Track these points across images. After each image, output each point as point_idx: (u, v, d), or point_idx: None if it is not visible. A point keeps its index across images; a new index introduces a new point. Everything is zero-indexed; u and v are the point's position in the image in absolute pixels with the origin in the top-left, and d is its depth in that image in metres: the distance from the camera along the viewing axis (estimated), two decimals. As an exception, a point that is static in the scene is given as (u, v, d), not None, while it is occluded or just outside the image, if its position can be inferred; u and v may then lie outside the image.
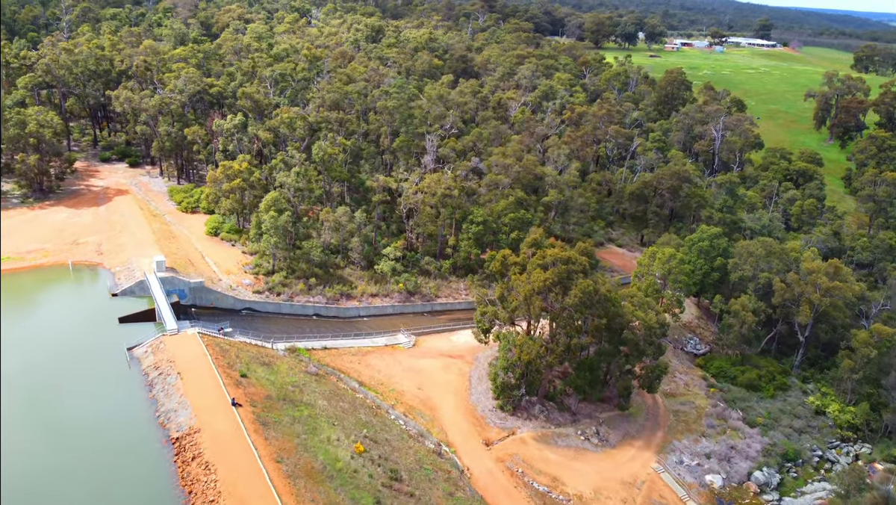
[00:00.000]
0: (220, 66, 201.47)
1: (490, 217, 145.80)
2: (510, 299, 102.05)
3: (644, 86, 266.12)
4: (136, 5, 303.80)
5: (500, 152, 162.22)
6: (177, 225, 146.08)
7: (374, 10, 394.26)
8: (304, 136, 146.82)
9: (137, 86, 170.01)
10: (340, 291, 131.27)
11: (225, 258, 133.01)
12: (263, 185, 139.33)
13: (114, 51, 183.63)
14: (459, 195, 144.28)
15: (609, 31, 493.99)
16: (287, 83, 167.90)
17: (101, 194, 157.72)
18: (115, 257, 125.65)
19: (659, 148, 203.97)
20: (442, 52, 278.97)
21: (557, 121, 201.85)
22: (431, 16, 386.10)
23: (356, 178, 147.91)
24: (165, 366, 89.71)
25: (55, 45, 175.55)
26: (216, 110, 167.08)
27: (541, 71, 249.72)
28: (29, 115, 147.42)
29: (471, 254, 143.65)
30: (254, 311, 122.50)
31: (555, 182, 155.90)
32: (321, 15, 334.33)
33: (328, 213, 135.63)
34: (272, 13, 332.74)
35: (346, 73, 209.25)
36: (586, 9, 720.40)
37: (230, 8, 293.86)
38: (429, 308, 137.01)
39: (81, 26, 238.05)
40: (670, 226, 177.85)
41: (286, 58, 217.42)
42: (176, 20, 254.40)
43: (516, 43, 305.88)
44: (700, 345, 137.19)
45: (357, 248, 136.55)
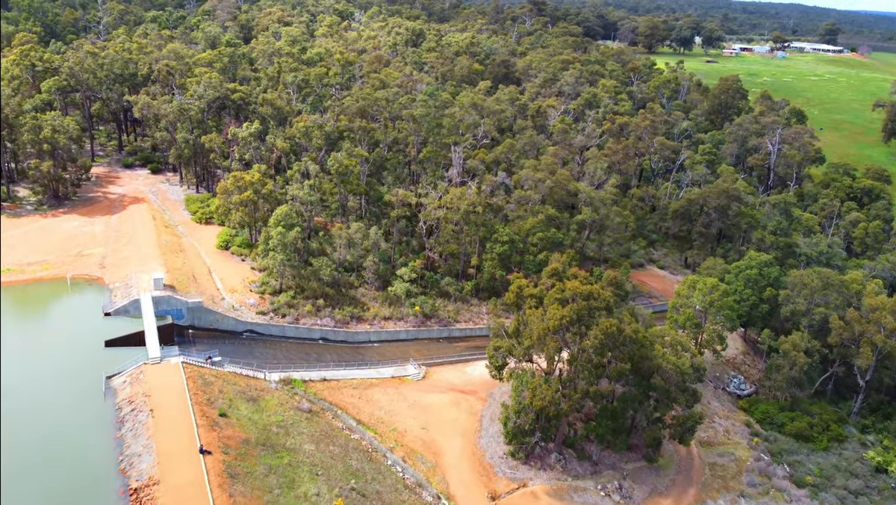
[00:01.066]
0: (251, 70, 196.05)
1: (517, 236, 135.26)
2: (525, 334, 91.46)
3: (696, 94, 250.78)
4: (180, 7, 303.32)
5: (532, 165, 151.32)
6: (188, 236, 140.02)
7: (420, 13, 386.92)
8: (321, 145, 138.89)
9: (159, 91, 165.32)
10: (351, 314, 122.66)
11: (232, 274, 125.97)
12: (276, 197, 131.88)
13: (141, 54, 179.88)
14: (484, 212, 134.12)
15: (664, 36, 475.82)
16: (311, 89, 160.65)
17: (117, 202, 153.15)
18: (116, 272, 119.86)
19: (709, 161, 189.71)
20: (483, 57, 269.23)
21: (598, 131, 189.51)
22: (476, 19, 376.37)
23: (375, 191, 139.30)
24: (140, 400, 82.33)
25: (80, 49, 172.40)
26: (232, 117, 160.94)
27: (585, 77, 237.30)
28: (45, 121, 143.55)
29: (495, 275, 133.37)
30: (255, 333, 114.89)
31: (589, 199, 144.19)
32: (364, 18, 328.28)
33: (341, 229, 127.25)
34: (315, 16, 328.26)
35: (380, 79, 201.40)
36: (642, 12, 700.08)
37: (270, 11, 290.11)
38: (446, 334, 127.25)
39: (119, 28, 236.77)
40: (717, 247, 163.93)
41: (319, 62, 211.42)
42: (213, 23, 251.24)
43: (562, 48, 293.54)
44: (744, 385, 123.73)
45: (371, 267, 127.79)
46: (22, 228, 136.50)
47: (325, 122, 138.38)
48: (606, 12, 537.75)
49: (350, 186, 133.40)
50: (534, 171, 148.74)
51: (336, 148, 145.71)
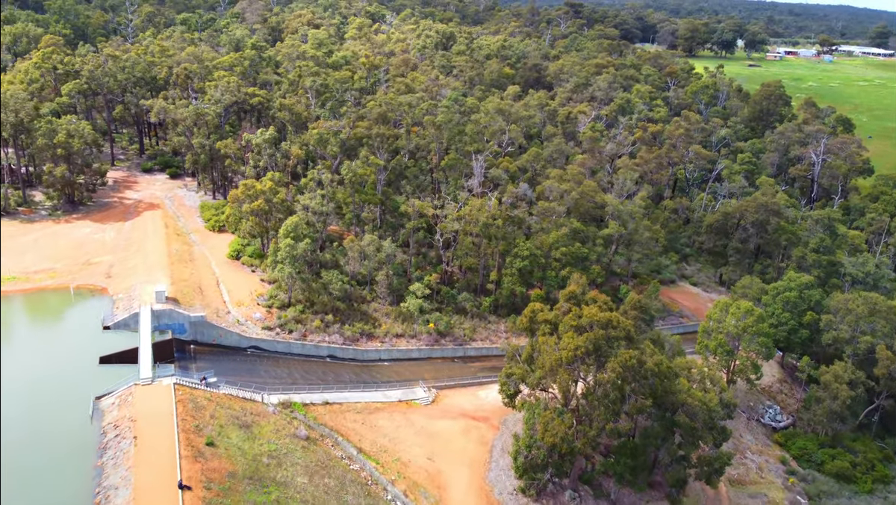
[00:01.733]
0: (275, 74, 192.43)
1: (539, 250, 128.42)
2: (539, 363, 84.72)
3: (736, 100, 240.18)
4: (211, 10, 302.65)
5: (558, 176, 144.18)
6: (200, 245, 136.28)
7: (454, 15, 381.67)
8: (336, 153, 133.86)
9: (178, 95, 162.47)
10: (361, 330, 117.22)
11: (240, 286, 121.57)
12: (289, 206, 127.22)
13: (163, 57, 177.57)
14: (504, 225, 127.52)
15: (704, 39, 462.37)
16: (330, 94, 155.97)
17: (132, 208, 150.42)
18: (122, 282, 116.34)
19: (748, 172, 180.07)
20: (515, 61, 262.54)
21: (630, 139, 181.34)
22: (510, 22, 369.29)
23: (391, 200, 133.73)
24: (125, 425, 77.91)
25: (100, 51, 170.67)
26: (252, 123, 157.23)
27: (619, 82, 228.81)
28: (60, 125, 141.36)
29: (514, 291, 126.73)
30: (260, 350, 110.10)
31: (617, 212, 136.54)
32: (395, 21, 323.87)
33: (353, 242, 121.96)
34: (346, 18, 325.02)
35: (406, 83, 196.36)
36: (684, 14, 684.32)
37: (300, 13, 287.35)
38: (461, 353, 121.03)
39: (148, 30, 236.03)
40: (755, 264, 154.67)
41: (344, 66, 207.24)
42: (240, 26, 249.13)
43: (596, 51, 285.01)
44: (780, 416, 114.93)
45: (383, 281, 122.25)
46: (33, 234, 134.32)
47: (341, 129, 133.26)
48: (645, 14, 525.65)
49: (364, 196, 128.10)
50: (559, 181, 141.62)
51: (353, 155, 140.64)
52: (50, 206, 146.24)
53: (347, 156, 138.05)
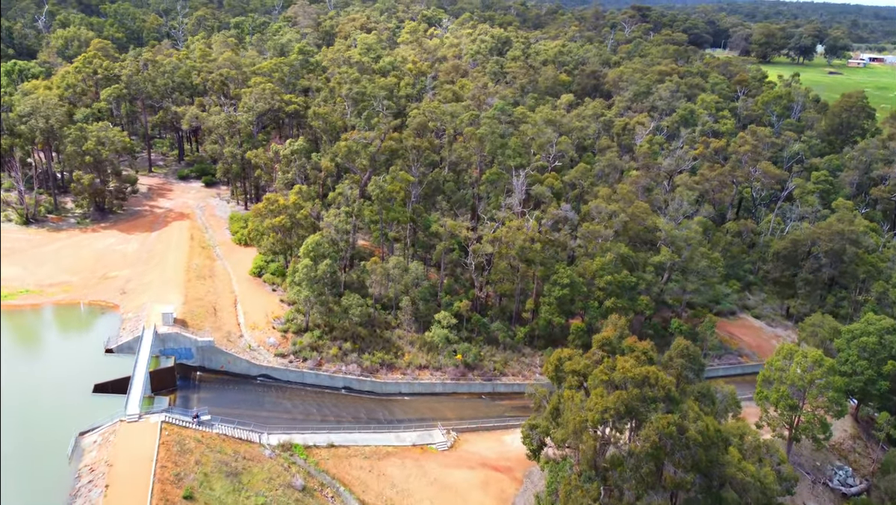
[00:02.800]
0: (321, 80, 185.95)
1: (581, 278, 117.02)
2: (564, 419, 73.89)
3: (812, 111, 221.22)
4: (267, 14, 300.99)
5: (606, 195, 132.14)
6: (223, 259, 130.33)
7: (513, 19, 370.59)
8: (365, 167, 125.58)
9: (213, 101, 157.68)
10: (381, 360, 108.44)
11: (258, 307, 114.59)
12: (313, 223, 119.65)
13: (204, 62, 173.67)
14: (543, 248, 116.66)
15: (781, 44, 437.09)
16: (367, 103, 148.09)
17: (161, 218, 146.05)
18: (134, 300, 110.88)
19: (822, 192, 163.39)
20: (572, 67, 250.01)
21: (691, 153, 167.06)
22: (571, 26, 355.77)
23: (423, 218, 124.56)
24: (100, 470, 70.98)
25: (139, 57, 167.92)
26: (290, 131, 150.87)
27: (683, 91, 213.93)
28: (90, 132, 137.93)
29: (552, 321, 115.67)
30: (270, 379, 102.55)
31: (670, 238, 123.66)
32: (452, 25, 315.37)
33: (376, 263, 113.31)
34: (402, 22, 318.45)
35: (454, 90, 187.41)
36: (760, 18, 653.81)
37: (354, 17, 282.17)
38: (489, 388, 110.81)
39: (198, 34, 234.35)
40: (828, 296, 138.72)
41: (391, 72, 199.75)
42: (291, 30, 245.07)
43: (661, 57, 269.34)
44: (853, 479, 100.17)
45: (407, 307, 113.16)
46: (57, 244, 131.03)
47: (371, 142, 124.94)
48: (718, 18, 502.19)
49: (393, 214, 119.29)
50: (607, 201, 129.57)
51: (386, 168, 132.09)
52: (79, 214, 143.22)
53: (379, 169, 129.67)
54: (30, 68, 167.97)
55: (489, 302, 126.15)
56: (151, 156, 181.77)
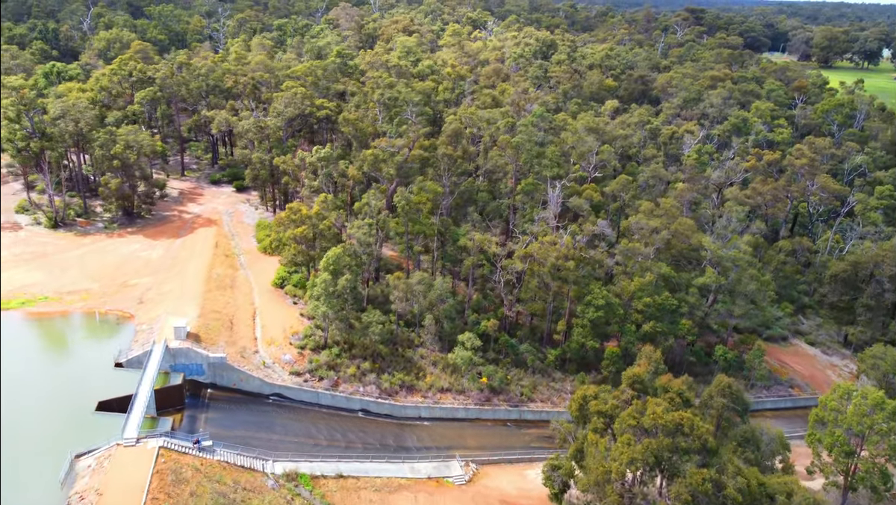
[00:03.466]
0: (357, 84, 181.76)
1: (617, 299, 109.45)
2: (587, 465, 66.90)
3: (877, 120, 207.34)
4: (310, 17, 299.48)
5: (647, 210, 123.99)
6: (247, 269, 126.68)
7: (561, 21, 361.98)
8: (391, 176, 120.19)
9: (245, 105, 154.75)
10: (401, 381, 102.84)
11: (277, 321, 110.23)
12: (337, 234, 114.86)
13: (239, 65, 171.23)
14: (577, 267, 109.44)
15: (844, 48, 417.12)
16: (399, 109, 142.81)
17: (188, 224, 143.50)
18: (150, 311, 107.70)
19: (887, 208, 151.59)
20: (619, 72, 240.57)
21: (742, 165, 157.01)
22: (620, 29, 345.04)
23: (451, 232, 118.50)
24: (89, 499, 67.06)
25: (173, 60, 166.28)
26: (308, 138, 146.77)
27: (736, 98, 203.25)
28: (120, 135, 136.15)
29: (586, 345, 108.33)
30: (284, 398, 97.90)
31: (716, 258, 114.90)
32: (496, 28, 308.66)
33: (399, 279, 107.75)
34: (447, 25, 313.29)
35: (493, 95, 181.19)
36: (822, 20, 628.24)
37: (397, 19, 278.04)
38: (515, 415, 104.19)
39: (240, 36, 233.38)
40: (891, 323, 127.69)
41: (429, 76, 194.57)
42: (332, 32, 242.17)
43: (714, 61, 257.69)
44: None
45: (430, 326, 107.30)
46: (82, 249, 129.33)
47: (398, 150, 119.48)
48: (776, 21, 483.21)
49: (419, 227, 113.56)
50: (648, 216, 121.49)
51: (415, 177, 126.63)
52: (107, 219, 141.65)
53: (408, 179, 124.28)
54: (67, 70, 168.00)
55: (519, 321, 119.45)
56: (186, 159, 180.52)
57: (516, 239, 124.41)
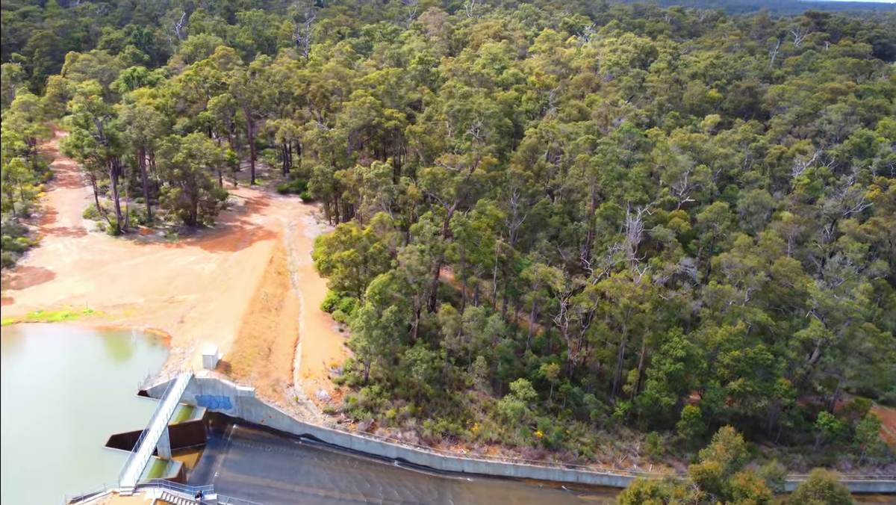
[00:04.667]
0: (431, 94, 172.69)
1: (700, 350, 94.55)
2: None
3: None
4: (401, 22, 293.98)
5: (743, 245, 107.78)
6: (298, 288, 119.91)
7: (666, 26, 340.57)
8: (452, 197, 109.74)
9: (313, 114, 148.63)
10: (445, 429, 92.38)
11: (319, 350, 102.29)
12: (388, 259, 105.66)
13: (314, 72, 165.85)
14: (654, 310, 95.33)
15: None
16: (471, 121, 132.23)
17: (248, 236, 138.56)
18: (188, 332, 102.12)
19: None
20: (725, 82, 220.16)
21: (864, 194, 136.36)
22: (728, 34, 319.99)
23: (514, 261, 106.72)
24: (69, 559, 60.21)
25: (245, 66, 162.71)
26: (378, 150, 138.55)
27: (860, 114, 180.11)
28: (183, 143, 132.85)
29: (660, 401, 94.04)
30: (314, 440, 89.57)
31: (824, 308, 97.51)
32: (594, 34, 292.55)
33: (449, 313, 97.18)
34: (541, 30, 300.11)
35: (580, 107, 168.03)
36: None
37: (488, 24, 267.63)
38: (572, 477, 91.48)
39: (325, 41, 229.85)
40: None
41: (513, 85, 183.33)
42: (418, 38, 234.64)
43: (836, 72, 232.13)
44: None
45: (480, 370, 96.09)
46: (138, 259, 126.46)
47: (459, 169, 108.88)
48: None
49: (477, 255, 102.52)
50: (744, 253, 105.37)
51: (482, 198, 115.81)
52: (169, 227, 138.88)
53: (469, 200, 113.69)
54: (147, 75, 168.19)
55: (586, 364, 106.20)
56: (259, 166, 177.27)
57: (591, 268, 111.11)
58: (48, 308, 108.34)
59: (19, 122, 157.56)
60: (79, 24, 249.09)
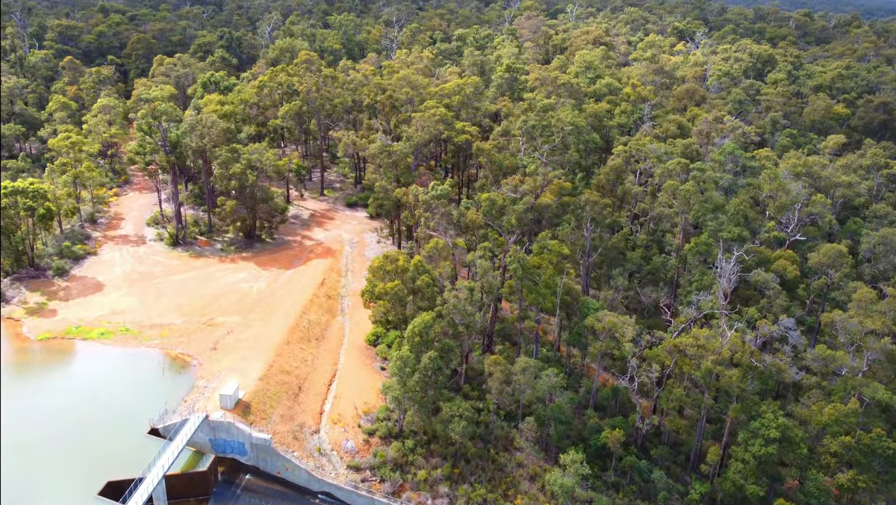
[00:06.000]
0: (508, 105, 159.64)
1: (800, 430, 77.35)
2: None
3: None
4: (497, 27, 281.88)
5: (864, 299, 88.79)
6: (346, 316, 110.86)
7: (790, 32, 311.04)
8: (512, 228, 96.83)
9: (382, 126, 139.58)
10: (483, 499, 79.90)
11: (355, 391, 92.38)
12: (436, 293, 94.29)
13: (389, 79, 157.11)
14: (744, 377, 78.95)
15: None
16: (549, 139, 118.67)
17: (306, 252, 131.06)
18: (218, 361, 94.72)
19: None
20: (855, 96, 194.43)
21: None
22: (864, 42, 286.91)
23: (581, 304, 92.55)
24: None
25: (319, 72, 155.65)
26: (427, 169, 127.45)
27: None
28: (243, 153, 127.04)
29: (745, 488, 77.58)
30: (332, 499, 79.41)
31: (968, 389, 77.69)
32: (705, 40, 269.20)
33: (497, 363, 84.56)
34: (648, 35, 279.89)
35: (679, 122, 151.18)
36: None
37: (588, 30, 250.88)
38: (631, 573, 76.48)
39: (413, 46, 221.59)
40: None
41: (607, 96, 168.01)
42: (510, 44, 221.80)
43: None
44: None
45: (529, 432, 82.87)
46: (189, 274, 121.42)
47: (521, 196, 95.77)
48: None
49: (534, 296, 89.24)
50: (863, 311, 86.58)
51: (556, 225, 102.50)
52: (227, 240, 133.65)
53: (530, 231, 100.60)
54: (222, 80, 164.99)
55: (659, 432, 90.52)
56: (331, 177, 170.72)
57: (671, 317, 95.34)
58: (87, 324, 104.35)
59: (99, 125, 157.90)
60: (177, 28, 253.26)
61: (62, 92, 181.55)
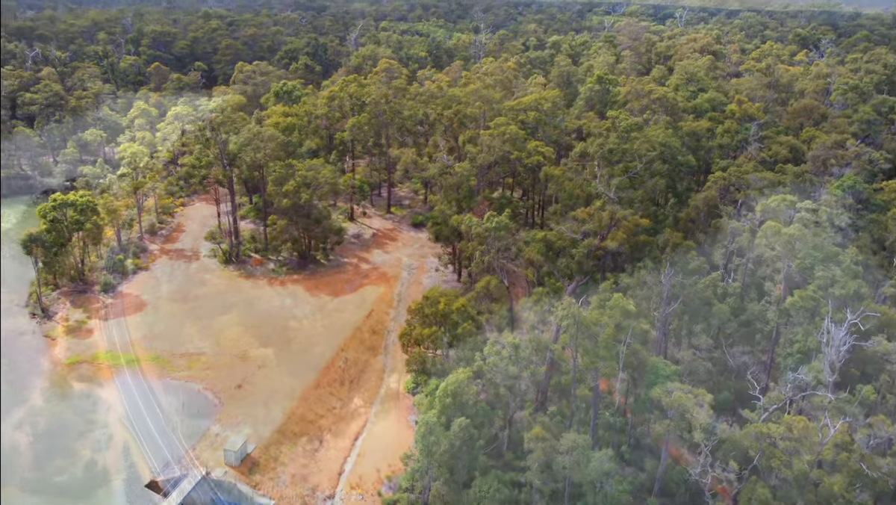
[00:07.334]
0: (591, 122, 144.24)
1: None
2: None
3: None
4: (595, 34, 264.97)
5: None
6: (388, 355, 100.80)
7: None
8: (571, 273, 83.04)
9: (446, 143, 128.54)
10: None
11: (383, 448, 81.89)
12: (479, 343, 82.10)
13: (462, 91, 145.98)
14: (849, 486, 62.11)
15: None
16: (630, 164, 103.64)
17: (360, 277, 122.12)
18: (241, 401, 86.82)
19: None
20: None
21: None
22: None
23: (651, 367, 77.67)
24: None
25: (389, 82, 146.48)
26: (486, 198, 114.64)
27: None
28: (298, 170, 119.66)
29: None
30: (337, 584, 68.98)
31: None
32: (832, 48, 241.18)
33: (537, 440, 71.35)
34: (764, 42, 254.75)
35: (791, 144, 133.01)
36: None
37: (695, 36, 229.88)
38: None
39: (501, 55, 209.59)
40: None
41: (708, 112, 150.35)
42: (606, 52, 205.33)
43: None
44: None
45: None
46: (234, 296, 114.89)
47: (582, 238, 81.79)
48: None
49: (591, 358, 75.28)
50: None
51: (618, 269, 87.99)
52: (280, 260, 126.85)
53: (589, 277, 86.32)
54: (294, 89, 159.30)
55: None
56: (402, 193, 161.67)
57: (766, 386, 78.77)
58: (118, 348, 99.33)
59: (173, 133, 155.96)
60: (268, 34, 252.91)
61: (145, 98, 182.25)
